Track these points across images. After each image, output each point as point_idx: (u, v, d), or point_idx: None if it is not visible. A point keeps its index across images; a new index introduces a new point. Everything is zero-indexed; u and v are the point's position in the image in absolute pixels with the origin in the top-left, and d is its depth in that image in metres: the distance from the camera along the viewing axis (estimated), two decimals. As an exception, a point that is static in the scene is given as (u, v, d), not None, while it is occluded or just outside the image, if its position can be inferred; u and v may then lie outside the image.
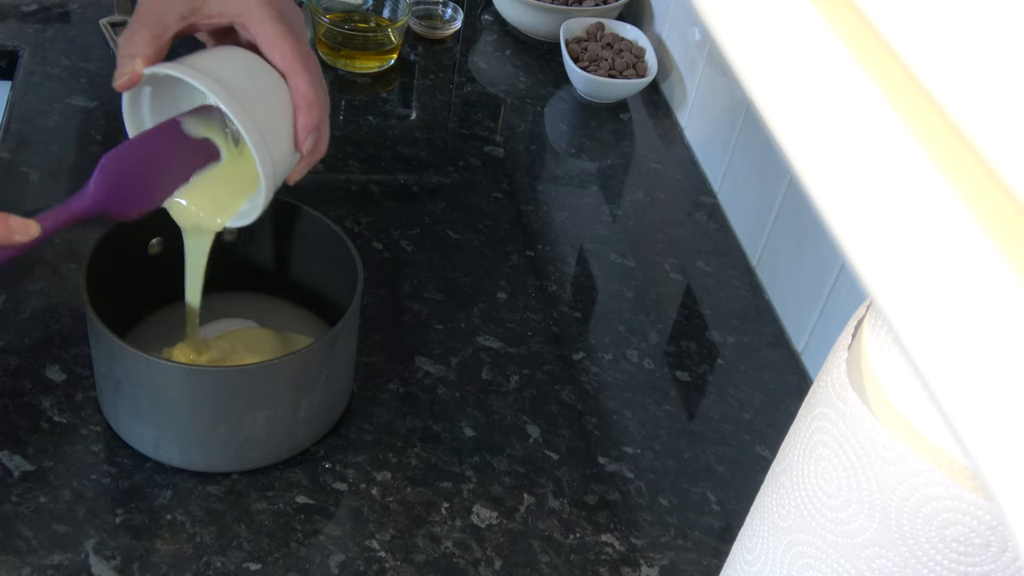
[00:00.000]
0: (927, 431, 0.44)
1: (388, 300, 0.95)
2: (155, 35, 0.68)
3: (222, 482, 0.76)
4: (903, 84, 0.24)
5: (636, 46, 1.29)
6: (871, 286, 0.25)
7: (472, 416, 0.85)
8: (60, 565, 0.70)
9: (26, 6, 1.21)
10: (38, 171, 1.00)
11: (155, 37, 0.68)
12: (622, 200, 1.13)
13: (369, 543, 0.74)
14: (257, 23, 0.69)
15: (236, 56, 0.70)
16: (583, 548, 0.77)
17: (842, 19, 0.26)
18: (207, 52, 0.70)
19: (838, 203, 0.26)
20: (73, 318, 0.85)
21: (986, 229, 0.22)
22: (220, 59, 0.69)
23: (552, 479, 0.81)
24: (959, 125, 0.22)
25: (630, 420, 0.87)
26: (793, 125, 0.28)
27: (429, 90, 1.25)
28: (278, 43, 0.69)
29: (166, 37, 0.69)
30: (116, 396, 0.76)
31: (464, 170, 1.12)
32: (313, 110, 0.69)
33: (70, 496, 0.74)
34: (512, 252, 1.02)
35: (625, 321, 0.97)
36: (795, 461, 0.52)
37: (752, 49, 0.30)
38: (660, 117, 1.27)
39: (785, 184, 1.00)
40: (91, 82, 1.12)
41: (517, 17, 1.33)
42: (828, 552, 0.50)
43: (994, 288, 0.21)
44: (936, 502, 0.44)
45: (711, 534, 0.79)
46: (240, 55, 0.70)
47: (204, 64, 0.68)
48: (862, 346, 0.48)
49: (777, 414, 0.90)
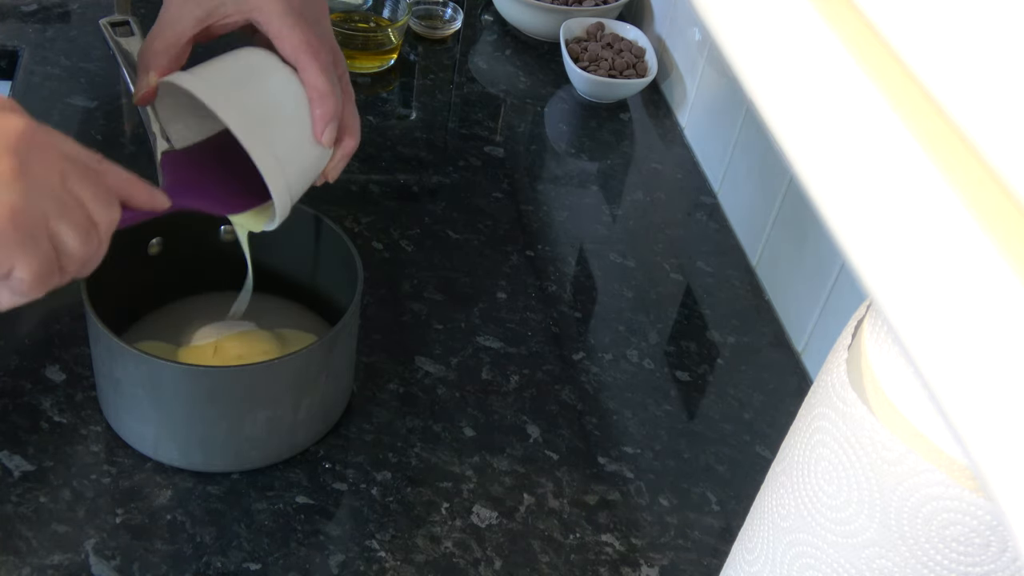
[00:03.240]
0: (927, 431, 0.44)
1: (388, 300, 0.95)
2: (169, 44, 0.69)
3: (222, 482, 0.76)
4: (903, 84, 0.24)
5: (636, 46, 1.29)
6: (871, 286, 0.25)
7: (472, 416, 0.85)
8: (60, 565, 0.70)
9: (26, 6, 1.21)
10: (38, 171, 1.00)
11: (170, 46, 0.69)
12: (622, 200, 1.13)
13: (369, 543, 0.74)
14: (267, 17, 0.68)
15: (247, 59, 0.69)
16: (583, 548, 0.77)
17: (842, 19, 0.26)
18: (219, 59, 0.70)
19: (838, 203, 0.26)
20: (73, 318, 0.85)
21: (986, 229, 0.22)
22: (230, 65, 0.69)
23: (552, 479, 0.81)
24: (959, 125, 0.22)
25: (630, 420, 0.87)
26: (793, 125, 0.28)
27: (429, 90, 1.25)
28: (286, 35, 0.68)
29: (181, 44, 0.69)
30: (116, 396, 0.76)
31: (464, 170, 1.12)
32: (326, 100, 0.68)
33: (70, 496, 0.74)
34: (512, 252, 1.02)
35: (625, 321, 0.97)
36: (795, 461, 0.52)
37: (752, 49, 0.30)
38: (660, 117, 1.27)
39: (785, 184, 1.00)
40: (91, 82, 1.12)
41: (517, 17, 1.33)
42: (828, 552, 0.50)
43: (994, 288, 0.21)
44: (936, 502, 0.44)
45: (711, 534, 0.79)
46: (252, 57, 0.69)
47: (212, 73, 0.67)
48: (862, 346, 0.48)
49: (777, 414, 0.90)
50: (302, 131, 0.68)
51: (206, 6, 0.69)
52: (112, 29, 1.18)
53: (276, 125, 0.67)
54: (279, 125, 0.67)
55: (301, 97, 0.68)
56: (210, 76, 0.67)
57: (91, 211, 0.55)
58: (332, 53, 0.70)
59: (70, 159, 0.55)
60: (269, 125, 0.67)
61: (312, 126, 0.68)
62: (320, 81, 0.68)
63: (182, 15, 0.69)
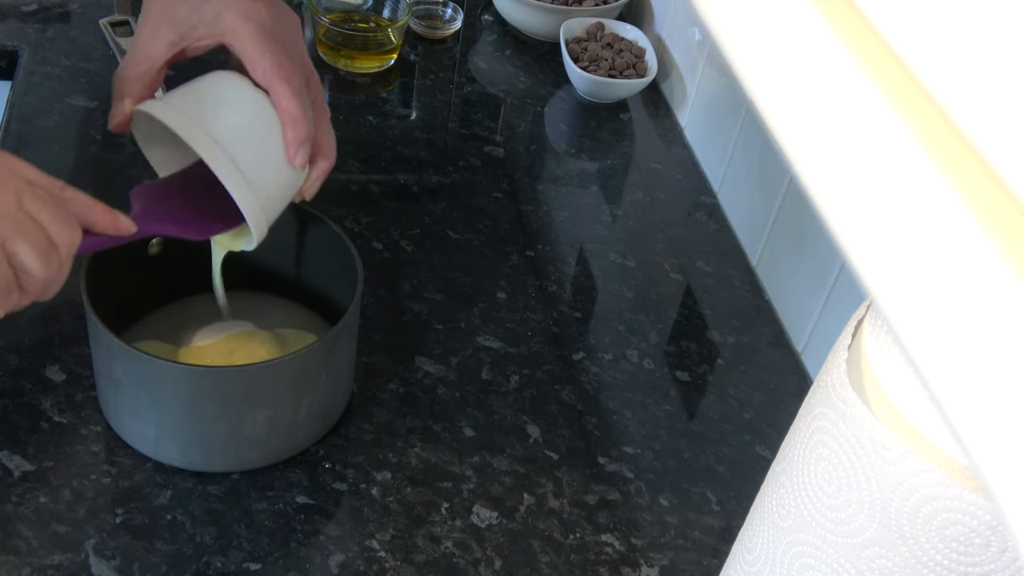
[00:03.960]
0: (927, 431, 0.44)
1: (388, 300, 0.95)
2: (144, 71, 0.69)
3: (222, 482, 0.76)
4: (903, 84, 0.24)
5: (636, 46, 1.29)
6: (871, 286, 0.25)
7: (472, 416, 0.85)
8: (60, 565, 0.70)
9: (26, 6, 1.21)
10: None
11: (143, 73, 0.70)
12: (622, 200, 1.13)
13: (369, 543, 0.74)
14: (240, 41, 0.69)
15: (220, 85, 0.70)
16: (583, 548, 0.77)
17: (842, 19, 0.26)
18: (193, 84, 0.70)
19: (838, 203, 0.26)
20: (73, 318, 0.85)
21: (986, 229, 0.22)
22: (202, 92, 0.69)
23: (552, 479, 0.81)
24: (959, 125, 0.22)
25: (630, 420, 0.87)
26: (793, 125, 0.28)
27: (429, 90, 1.25)
28: (258, 59, 0.68)
29: (155, 69, 0.70)
30: (116, 396, 0.76)
31: (464, 170, 1.12)
32: (298, 124, 0.69)
33: (70, 496, 0.74)
34: (512, 252, 1.02)
35: (625, 321, 0.97)
36: (795, 461, 0.52)
37: (752, 49, 0.30)
38: (660, 117, 1.27)
39: (785, 184, 1.00)
40: (91, 82, 1.12)
41: (517, 17, 1.33)
42: (828, 552, 0.50)
43: (994, 288, 0.21)
44: (936, 502, 0.44)
45: (711, 534, 0.79)
46: (224, 83, 0.70)
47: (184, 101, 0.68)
48: (862, 346, 0.48)
49: (777, 414, 0.90)
50: (275, 154, 0.69)
51: (179, 30, 0.69)
52: (112, 29, 1.19)
53: (248, 150, 0.68)
54: (251, 149, 0.68)
55: (273, 120, 0.69)
56: (182, 105, 0.68)
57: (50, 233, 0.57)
58: (305, 74, 0.71)
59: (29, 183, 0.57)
60: (241, 150, 0.67)
61: (285, 149, 0.69)
62: (292, 105, 0.68)
63: (155, 40, 0.69)
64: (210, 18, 0.69)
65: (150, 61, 0.69)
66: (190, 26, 0.69)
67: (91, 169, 1.01)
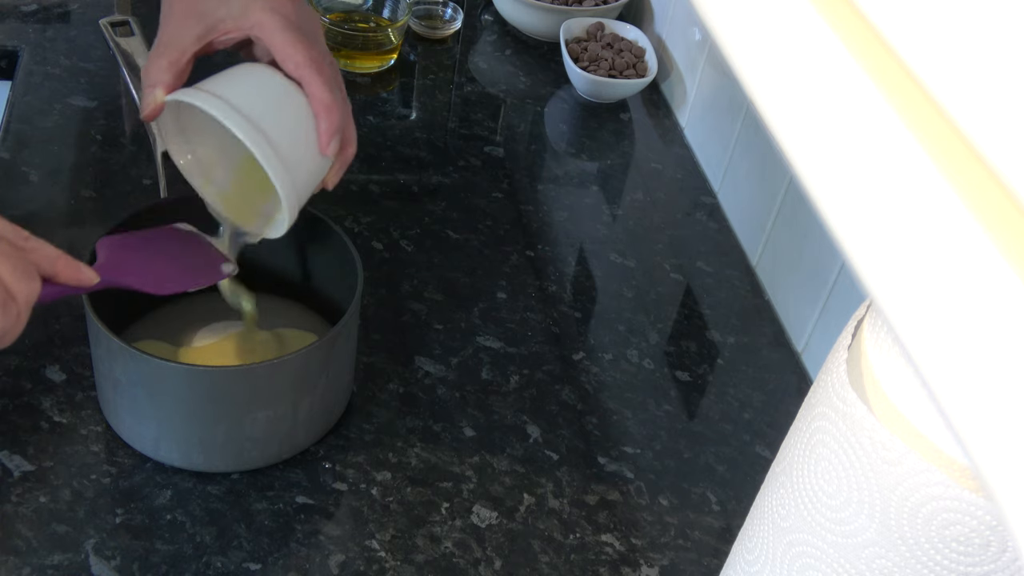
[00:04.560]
0: (927, 431, 0.44)
1: (388, 300, 0.95)
2: (172, 61, 0.70)
3: (222, 482, 0.76)
4: (903, 84, 0.24)
5: (636, 46, 1.29)
6: (871, 286, 0.25)
7: (472, 416, 0.85)
8: (60, 565, 0.70)
9: (26, 6, 1.21)
10: (38, 171, 1.00)
11: (173, 63, 0.70)
12: (622, 200, 1.13)
13: (369, 543, 0.74)
14: (269, 34, 0.69)
15: (251, 74, 0.71)
16: (583, 548, 0.77)
17: (842, 19, 0.26)
18: (223, 74, 0.71)
19: (838, 203, 0.26)
20: (73, 318, 0.85)
21: (987, 229, 0.22)
22: (234, 80, 0.70)
23: (552, 479, 0.81)
24: (959, 125, 0.22)
25: (630, 420, 0.87)
26: (793, 125, 0.28)
27: (429, 90, 1.25)
28: (290, 51, 0.69)
29: (184, 61, 0.70)
30: (116, 396, 0.76)
31: (464, 170, 1.12)
32: (332, 114, 0.70)
33: (70, 496, 0.74)
34: (512, 252, 1.02)
35: (625, 321, 0.97)
36: (795, 461, 0.52)
37: (752, 49, 0.30)
38: (660, 117, 1.27)
39: (785, 184, 1.00)
40: (91, 82, 1.12)
41: (517, 17, 1.33)
42: (828, 552, 0.50)
43: (994, 288, 0.21)
44: (936, 502, 0.44)
45: (711, 534, 0.79)
46: (255, 72, 0.71)
47: (218, 87, 0.69)
48: (862, 346, 0.48)
49: (777, 414, 0.90)
50: (307, 142, 0.70)
51: (207, 22, 0.70)
52: (112, 29, 1.18)
53: (284, 134, 0.69)
54: (286, 134, 0.69)
55: (304, 110, 0.70)
56: (218, 92, 0.68)
57: (8, 283, 0.57)
58: (332, 67, 0.72)
59: None
60: (277, 134, 0.68)
61: (317, 138, 0.70)
62: (325, 95, 0.69)
63: (183, 32, 0.70)
64: (237, 11, 0.70)
65: (179, 53, 0.70)
66: (217, 19, 0.70)
67: (91, 169, 1.01)
